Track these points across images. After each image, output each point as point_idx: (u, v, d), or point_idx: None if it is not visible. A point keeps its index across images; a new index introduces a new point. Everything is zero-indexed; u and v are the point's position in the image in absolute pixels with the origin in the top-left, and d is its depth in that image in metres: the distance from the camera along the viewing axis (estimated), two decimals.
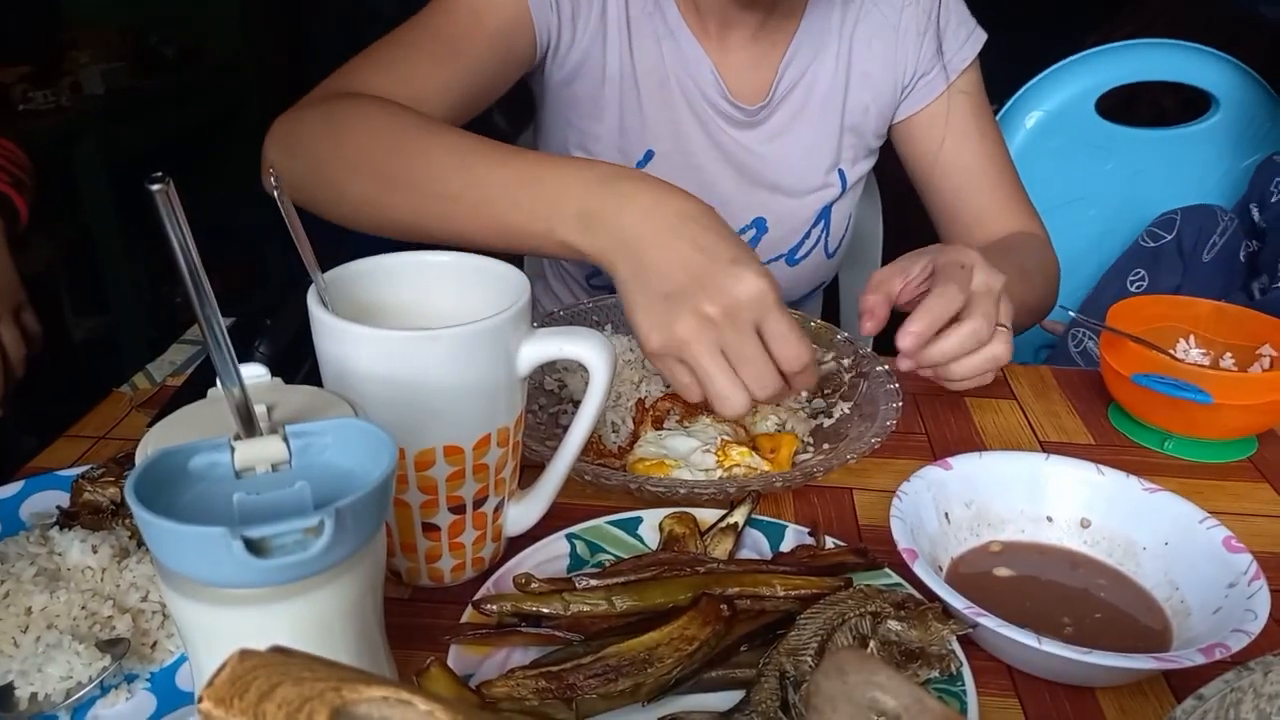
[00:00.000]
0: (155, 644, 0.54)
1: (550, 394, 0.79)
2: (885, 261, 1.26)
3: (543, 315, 0.85)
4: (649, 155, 1.01)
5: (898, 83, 1.01)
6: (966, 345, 0.71)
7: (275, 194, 0.51)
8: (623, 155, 1.01)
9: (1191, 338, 0.85)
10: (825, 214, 1.06)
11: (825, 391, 0.81)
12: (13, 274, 1.18)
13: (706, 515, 0.63)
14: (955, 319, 0.71)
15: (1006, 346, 0.72)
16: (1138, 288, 1.36)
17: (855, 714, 0.29)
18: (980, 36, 1.02)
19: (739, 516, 0.62)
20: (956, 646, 0.52)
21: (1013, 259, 0.92)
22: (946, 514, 0.62)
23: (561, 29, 0.93)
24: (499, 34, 0.90)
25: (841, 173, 1.05)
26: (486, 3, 0.90)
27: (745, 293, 0.62)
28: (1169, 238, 1.31)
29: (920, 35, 1.00)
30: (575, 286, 1.12)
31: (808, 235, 1.06)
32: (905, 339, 0.71)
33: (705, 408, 0.75)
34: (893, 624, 0.51)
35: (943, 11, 1.00)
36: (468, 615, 0.54)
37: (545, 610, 0.53)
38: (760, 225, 1.04)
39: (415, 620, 0.57)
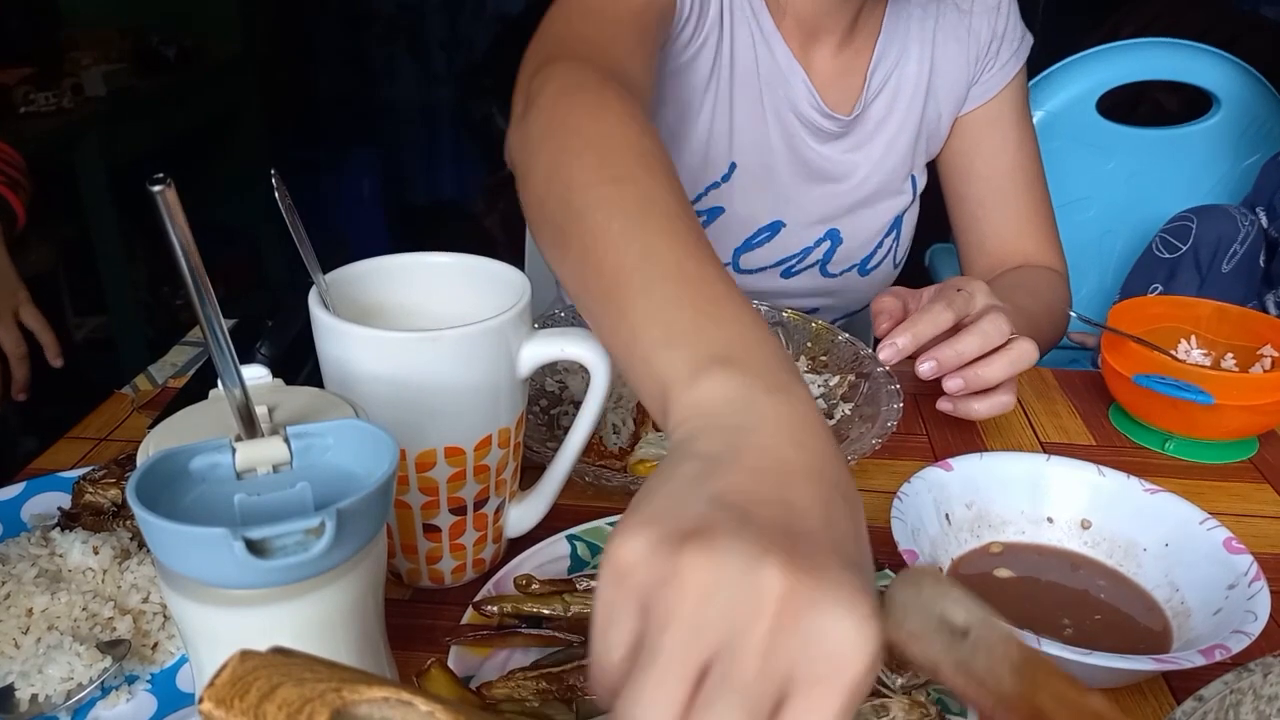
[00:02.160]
0: (156, 645, 0.54)
1: (551, 395, 0.79)
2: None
3: (544, 316, 0.85)
4: (732, 168, 0.96)
5: (967, 84, 0.99)
6: (990, 342, 0.70)
7: (276, 194, 0.51)
8: (705, 164, 0.94)
9: (1193, 338, 0.85)
10: (897, 223, 1.04)
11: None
12: (11, 275, 1.18)
13: None
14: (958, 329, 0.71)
15: (1031, 344, 0.72)
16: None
17: (925, 621, 0.30)
18: (1028, 41, 1.00)
19: None
20: None
21: (1019, 299, 0.92)
22: (947, 515, 0.62)
23: (689, 16, 0.86)
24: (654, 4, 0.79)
25: (913, 179, 1.03)
26: None
27: (831, 626, 0.30)
28: (1185, 248, 1.28)
29: (988, 40, 0.98)
30: None
31: (880, 245, 1.04)
32: (884, 350, 0.71)
33: None
34: None
35: (1005, 16, 0.98)
36: (468, 616, 0.54)
37: (546, 611, 0.53)
38: (834, 237, 1.01)
39: (416, 621, 0.57)
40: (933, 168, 1.05)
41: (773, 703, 0.30)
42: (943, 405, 0.73)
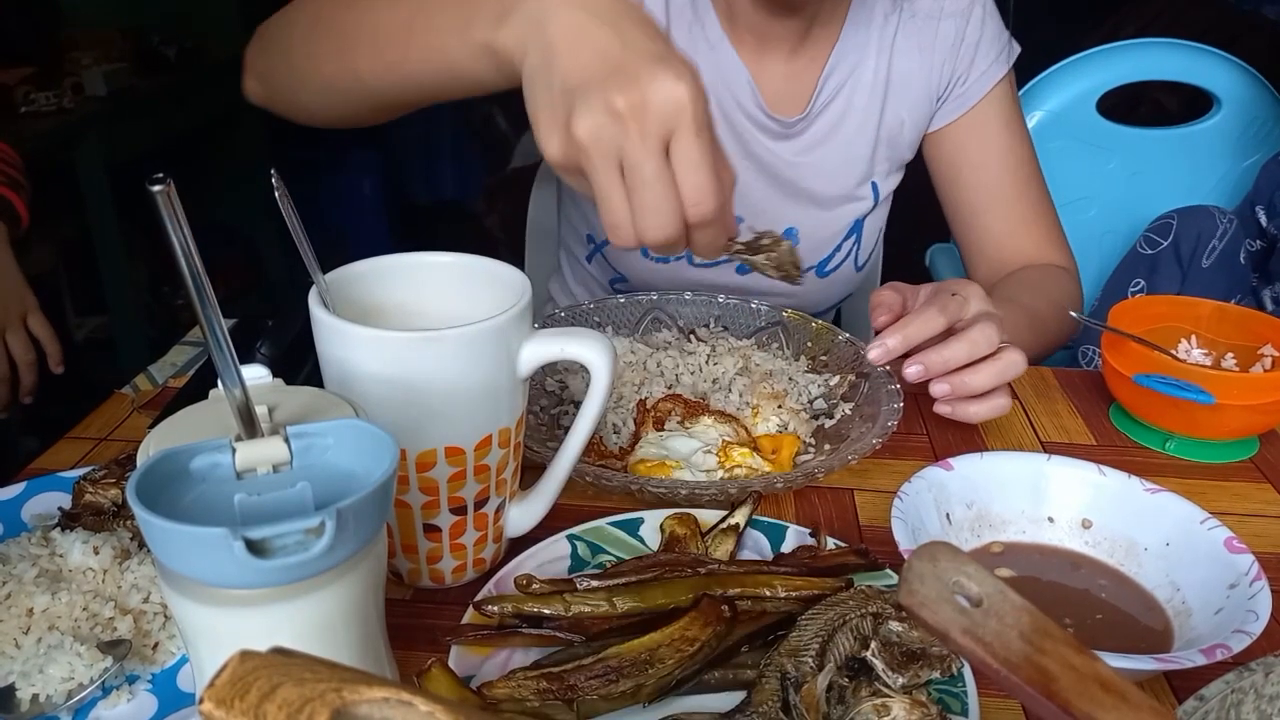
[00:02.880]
0: (157, 645, 0.54)
1: (551, 395, 0.79)
2: (884, 279, 1.27)
3: (544, 316, 0.85)
4: None
5: (932, 95, 1.01)
6: (977, 350, 0.70)
7: (276, 194, 0.51)
8: None
9: (1193, 338, 0.85)
10: (857, 227, 1.05)
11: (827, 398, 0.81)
12: (19, 280, 1.19)
13: (708, 516, 0.63)
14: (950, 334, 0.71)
15: (1020, 354, 0.72)
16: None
17: (941, 591, 0.31)
18: (1014, 51, 1.01)
19: (740, 517, 0.62)
20: None
21: (1024, 299, 0.92)
22: (948, 515, 0.62)
23: None
24: None
25: (875, 185, 1.04)
26: None
27: (659, 94, 0.51)
28: (1165, 243, 1.30)
29: (957, 47, 0.99)
30: (595, 288, 1.11)
31: (839, 248, 1.05)
32: (874, 350, 0.71)
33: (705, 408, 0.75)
34: (894, 625, 0.51)
35: (982, 22, 0.99)
36: (469, 616, 0.54)
37: (546, 611, 0.53)
38: (791, 235, 1.03)
39: (416, 621, 0.57)
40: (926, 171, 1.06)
41: (662, 165, 0.52)
42: (941, 409, 0.73)
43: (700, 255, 0.57)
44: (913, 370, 0.71)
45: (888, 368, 0.76)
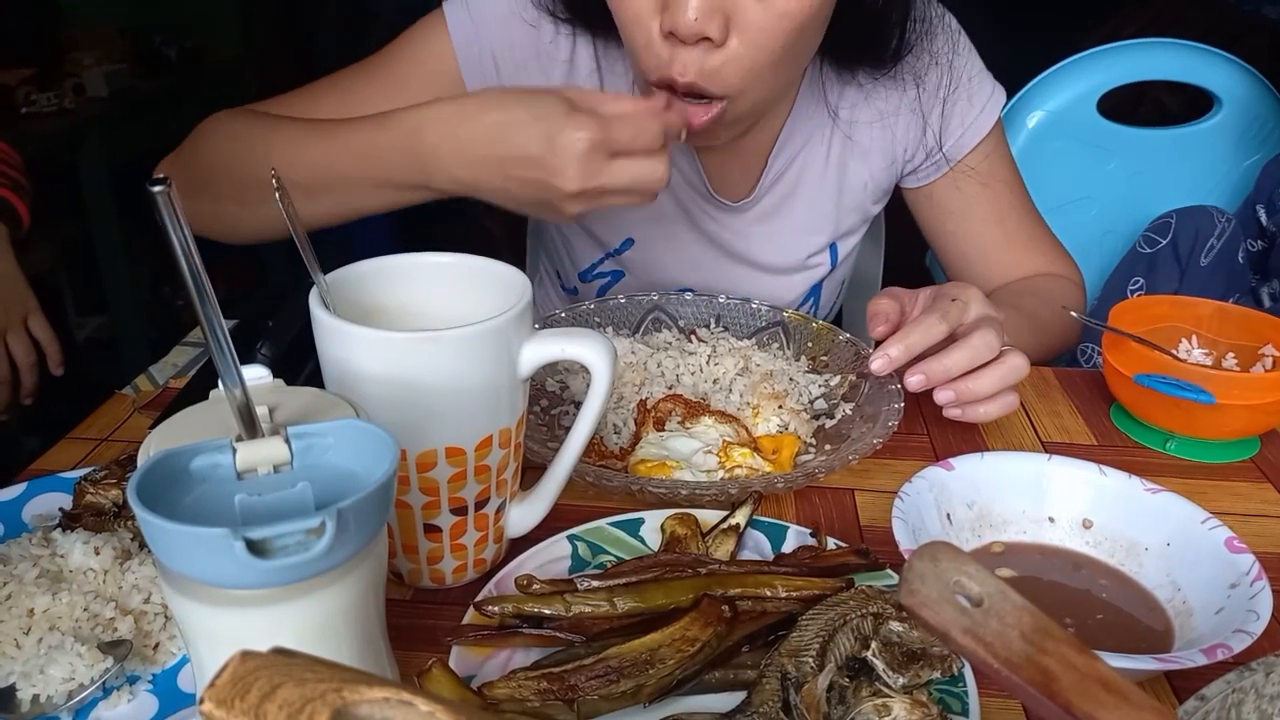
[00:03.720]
0: (157, 645, 0.54)
1: (552, 395, 0.79)
2: (884, 280, 1.26)
3: (544, 316, 0.85)
4: (628, 243, 0.99)
5: (899, 157, 0.98)
6: (979, 357, 0.70)
7: (277, 195, 0.51)
8: (598, 243, 0.99)
9: (1194, 338, 0.85)
10: (815, 290, 1.04)
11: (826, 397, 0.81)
12: (21, 281, 1.19)
13: (708, 516, 0.63)
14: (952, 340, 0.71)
15: (1023, 357, 0.72)
16: (1137, 296, 1.35)
17: (942, 591, 0.32)
18: (998, 100, 0.97)
19: (741, 518, 0.62)
20: None
21: (1026, 303, 0.91)
22: (948, 515, 0.62)
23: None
24: (435, 77, 0.90)
25: (834, 248, 1.02)
26: (414, 76, 0.90)
27: (563, 140, 0.65)
28: (1164, 242, 1.30)
29: (925, 114, 0.95)
30: (561, 285, 1.11)
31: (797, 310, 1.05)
32: (876, 360, 0.71)
33: (706, 408, 0.75)
34: (895, 625, 0.51)
35: (953, 91, 0.94)
36: (469, 616, 0.54)
37: (547, 611, 0.53)
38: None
39: (417, 621, 0.57)
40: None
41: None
42: (951, 413, 0.73)
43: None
44: (915, 380, 0.71)
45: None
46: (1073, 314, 0.88)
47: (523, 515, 0.61)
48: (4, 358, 1.18)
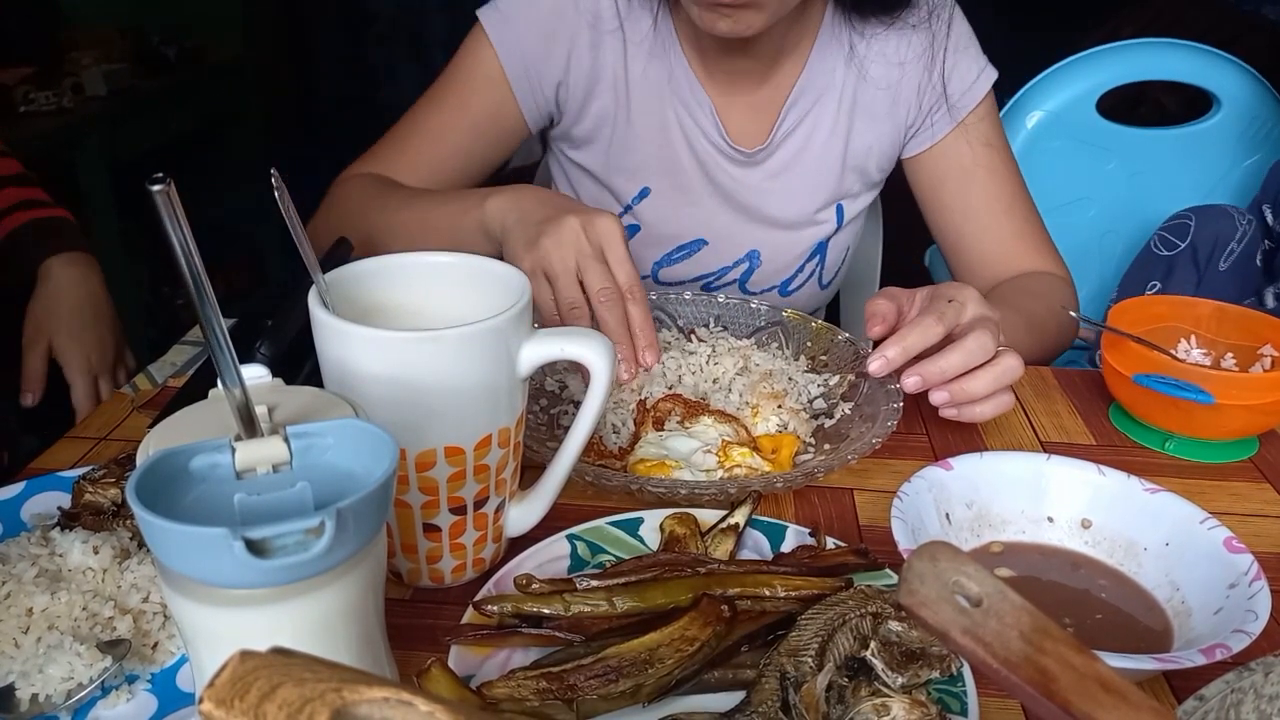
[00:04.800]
0: (156, 645, 0.54)
1: (551, 395, 0.79)
2: (883, 280, 1.27)
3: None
4: (644, 192, 1.03)
5: (902, 123, 1.02)
6: (974, 358, 0.71)
7: (276, 194, 0.51)
8: (613, 192, 1.04)
9: (1193, 338, 0.85)
10: (820, 248, 1.07)
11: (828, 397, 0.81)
12: (113, 322, 1.15)
13: (707, 516, 0.63)
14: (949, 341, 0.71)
15: (1017, 358, 0.72)
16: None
17: (941, 591, 0.32)
18: (990, 75, 1.01)
19: (740, 517, 0.62)
20: None
21: (1022, 303, 0.92)
22: (947, 514, 0.62)
23: (576, 79, 0.99)
24: (485, 118, 1.00)
25: (840, 208, 1.06)
26: (470, 91, 0.99)
27: (599, 219, 0.72)
28: (1183, 245, 1.29)
29: (926, 76, 0.99)
30: None
31: (801, 268, 1.08)
32: (873, 362, 0.71)
33: (705, 408, 0.75)
34: (893, 624, 0.51)
35: (950, 52, 0.99)
36: (468, 616, 0.54)
37: (546, 611, 0.53)
38: (754, 257, 1.06)
39: (416, 621, 0.57)
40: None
41: (603, 262, 0.72)
42: (947, 413, 0.73)
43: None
44: (911, 382, 0.71)
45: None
46: (1072, 314, 0.88)
47: (522, 515, 0.61)
48: (43, 371, 1.13)
